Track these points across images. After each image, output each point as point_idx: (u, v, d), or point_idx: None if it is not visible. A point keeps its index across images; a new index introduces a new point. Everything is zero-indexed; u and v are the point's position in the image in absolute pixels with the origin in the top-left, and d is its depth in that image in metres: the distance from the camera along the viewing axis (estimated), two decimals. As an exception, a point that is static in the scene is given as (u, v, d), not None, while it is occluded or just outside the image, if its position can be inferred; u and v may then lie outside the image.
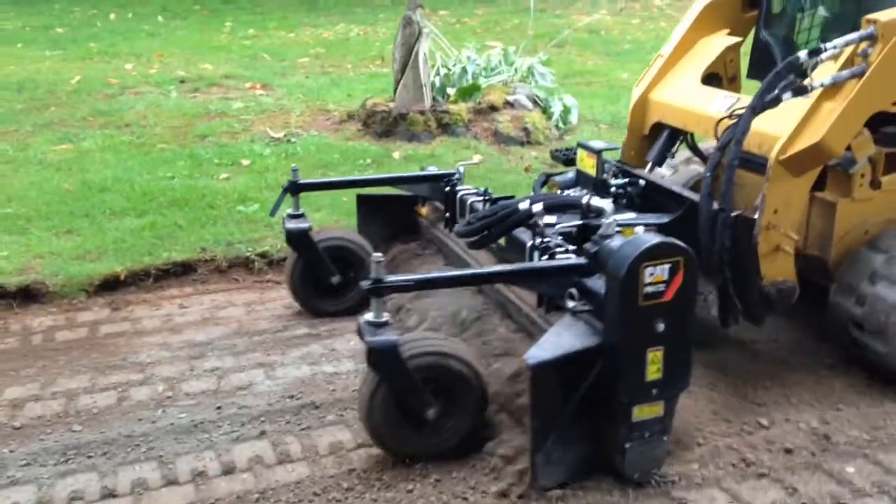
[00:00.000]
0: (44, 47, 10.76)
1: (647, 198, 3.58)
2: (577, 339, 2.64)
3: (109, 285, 4.34)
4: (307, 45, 11.23)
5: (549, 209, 3.12)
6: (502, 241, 3.34)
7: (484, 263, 3.55)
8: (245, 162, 6.17)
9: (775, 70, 3.05)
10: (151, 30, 12.32)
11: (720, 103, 3.46)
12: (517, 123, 6.86)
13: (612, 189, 3.58)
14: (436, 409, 2.84)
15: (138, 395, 3.39)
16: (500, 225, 3.22)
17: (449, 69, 7.65)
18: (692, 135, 3.84)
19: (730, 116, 3.21)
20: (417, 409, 2.83)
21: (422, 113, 6.74)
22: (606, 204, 2.95)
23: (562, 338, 2.65)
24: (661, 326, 2.59)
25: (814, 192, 3.32)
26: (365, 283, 2.70)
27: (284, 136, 6.79)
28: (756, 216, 3.09)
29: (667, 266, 2.55)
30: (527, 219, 3.14)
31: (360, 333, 2.76)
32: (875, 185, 3.34)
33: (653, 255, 2.55)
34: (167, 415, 3.24)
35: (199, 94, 8.42)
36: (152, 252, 4.57)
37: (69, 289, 4.27)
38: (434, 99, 7.03)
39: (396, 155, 6.35)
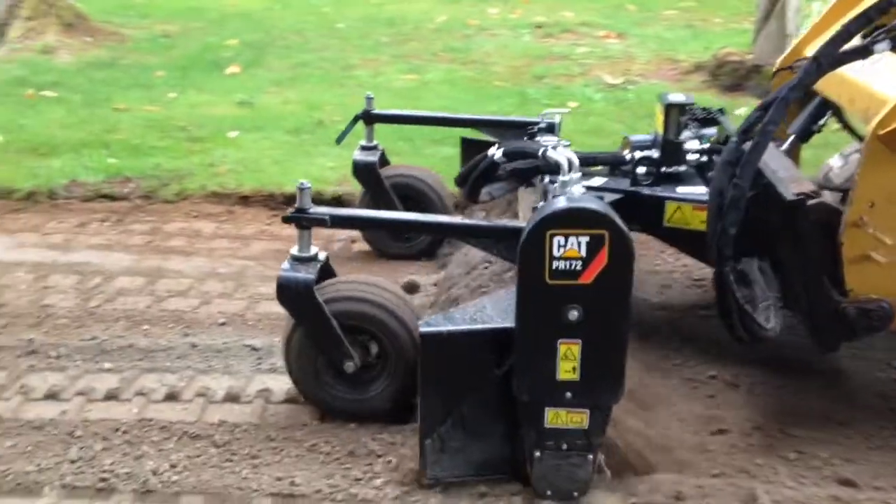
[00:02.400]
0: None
1: None
2: (499, 314, 2.21)
3: (413, 205, 4.41)
4: (680, -2, 10.60)
5: (507, 155, 2.67)
6: None
7: None
8: (572, 104, 5.99)
9: (861, 10, 2.28)
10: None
11: (882, 70, 2.47)
12: (902, 88, 5.72)
13: (689, 156, 2.96)
14: (355, 362, 2.47)
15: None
16: (473, 173, 2.79)
17: (827, 21, 6.62)
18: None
19: (791, 69, 2.51)
20: (335, 360, 2.51)
21: (781, 67, 5.91)
22: (563, 157, 2.33)
23: (485, 310, 2.25)
24: (574, 314, 2.08)
25: None
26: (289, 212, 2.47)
27: (622, 82, 6.45)
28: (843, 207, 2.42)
29: (583, 239, 2.02)
30: (491, 167, 2.69)
31: None
32: None
33: (562, 221, 2.03)
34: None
35: (550, 39, 8.36)
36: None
37: (376, 204, 4.41)
38: (801, 53, 6.14)
39: (741, 111, 5.64)
